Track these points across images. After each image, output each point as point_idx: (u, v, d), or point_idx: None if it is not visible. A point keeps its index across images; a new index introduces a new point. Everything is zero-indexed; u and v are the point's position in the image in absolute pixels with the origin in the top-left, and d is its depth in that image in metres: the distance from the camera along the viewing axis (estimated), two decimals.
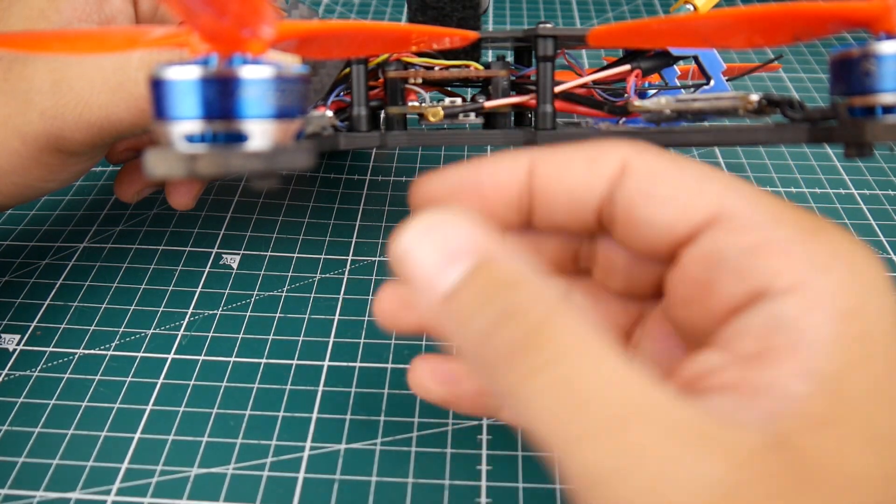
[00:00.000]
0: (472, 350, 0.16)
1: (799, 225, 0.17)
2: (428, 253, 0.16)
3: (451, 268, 0.16)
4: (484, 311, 0.16)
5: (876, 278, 0.16)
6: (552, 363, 0.15)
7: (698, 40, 0.23)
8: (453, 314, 0.16)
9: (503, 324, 0.15)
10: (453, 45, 0.26)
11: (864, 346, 0.15)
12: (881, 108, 0.20)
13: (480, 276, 0.16)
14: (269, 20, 0.16)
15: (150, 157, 0.16)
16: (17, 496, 0.25)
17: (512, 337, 0.15)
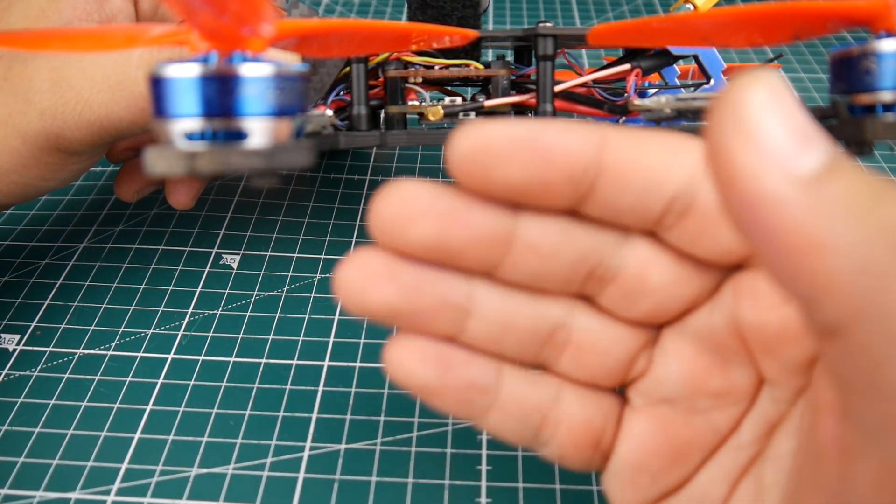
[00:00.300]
0: (870, 252, 0.13)
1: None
2: (780, 123, 0.13)
3: (808, 150, 0.13)
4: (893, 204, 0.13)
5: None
6: None
7: (698, 39, 0.23)
8: (835, 200, 0.13)
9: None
10: (453, 45, 0.26)
11: None
12: (881, 107, 0.20)
13: (851, 168, 0.13)
14: (269, 18, 0.16)
15: (150, 155, 0.16)
16: (17, 496, 0.25)
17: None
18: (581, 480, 0.25)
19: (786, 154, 0.13)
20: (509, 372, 0.19)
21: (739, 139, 0.13)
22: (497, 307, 0.18)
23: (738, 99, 0.13)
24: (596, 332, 0.19)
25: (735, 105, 0.13)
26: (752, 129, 0.13)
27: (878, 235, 0.13)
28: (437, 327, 0.18)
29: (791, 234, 0.13)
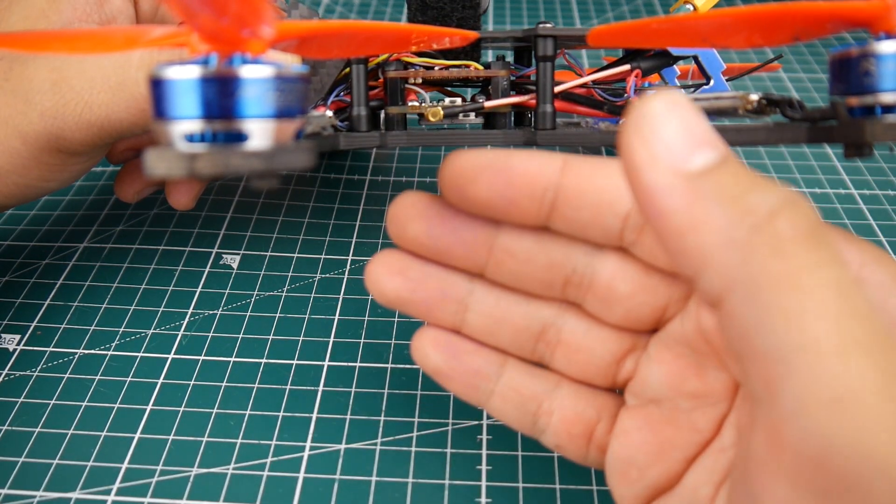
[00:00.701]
0: (738, 229, 0.15)
1: (840, 233, 0.18)
2: (674, 128, 0.16)
3: (699, 151, 0.16)
4: (766, 193, 0.15)
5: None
6: (832, 265, 0.15)
7: (698, 40, 0.23)
8: (712, 190, 0.15)
9: (790, 209, 0.15)
10: (453, 45, 0.26)
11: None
12: (881, 108, 0.20)
13: (738, 166, 0.16)
14: (269, 20, 0.16)
15: (150, 156, 0.16)
16: (17, 496, 0.25)
17: (800, 225, 0.15)
18: (581, 480, 0.25)
19: (675, 152, 0.16)
20: (512, 364, 0.22)
21: (639, 139, 0.16)
22: (492, 303, 0.22)
23: (641, 109, 0.16)
24: (582, 334, 0.21)
25: (638, 113, 0.16)
26: (648, 132, 0.16)
27: (742, 218, 0.15)
28: (439, 317, 0.22)
29: (677, 216, 0.16)
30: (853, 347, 0.14)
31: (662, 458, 0.20)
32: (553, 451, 0.22)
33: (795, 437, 0.14)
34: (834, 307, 0.14)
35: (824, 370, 0.14)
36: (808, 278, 0.14)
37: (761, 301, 0.15)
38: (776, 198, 0.15)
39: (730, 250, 0.15)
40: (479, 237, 0.21)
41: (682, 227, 0.15)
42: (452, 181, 0.20)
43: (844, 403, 0.14)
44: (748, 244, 0.15)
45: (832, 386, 0.14)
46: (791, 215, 0.15)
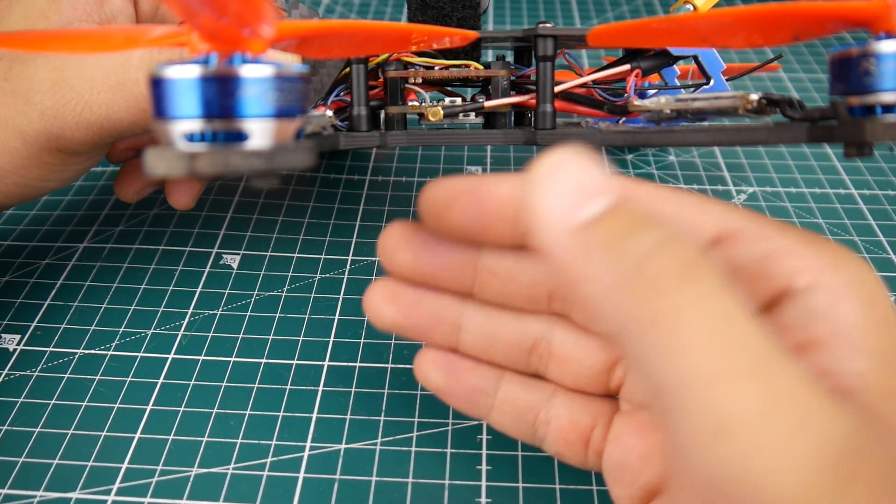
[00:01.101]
0: (619, 276, 0.16)
1: (800, 235, 0.18)
2: (559, 188, 0.16)
3: (587, 203, 0.16)
4: (643, 235, 0.16)
5: (875, 278, 0.18)
6: (711, 297, 0.15)
7: (698, 40, 0.23)
8: (593, 243, 0.16)
9: (666, 247, 0.16)
10: (453, 45, 0.26)
11: (890, 328, 0.17)
12: (881, 108, 0.20)
13: (625, 211, 0.16)
14: (269, 19, 0.16)
15: (150, 156, 0.16)
16: (17, 496, 0.25)
17: (676, 261, 0.15)
18: (581, 480, 0.25)
19: (562, 209, 0.16)
20: (508, 378, 0.23)
21: (531, 201, 0.17)
22: (483, 322, 0.22)
23: (532, 174, 0.17)
24: (571, 345, 0.22)
25: (530, 178, 0.17)
26: (537, 194, 0.17)
27: (621, 263, 0.16)
28: (436, 339, 0.23)
29: (569, 270, 0.16)
30: (734, 375, 0.14)
31: (653, 463, 0.20)
32: (555, 457, 0.23)
33: (696, 466, 0.15)
34: (714, 338, 0.15)
35: (707, 401, 0.14)
36: (687, 314, 0.15)
37: (647, 341, 0.15)
38: (653, 238, 0.16)
39: (613, 296, 0.16)
40: (463, 260, 0.22)
41: (575, 279, 0.16)
42: (429, 211, 0.21)
43: (727, 430, 0.14)
44: (628, 288, 0.15)
45: (715, 415, 0.14)
46: (668, 254, 0.16)
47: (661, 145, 0.42)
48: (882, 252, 0.36)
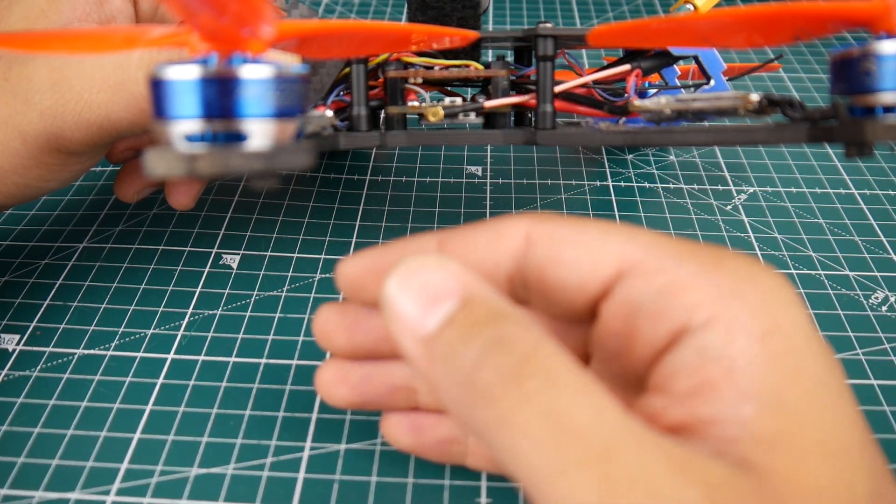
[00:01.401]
0: (456, 387, 0.16)
1: (700, 259, 0.18)
2: (409, 297, 0.17)
3: (434, 310, 0.17)
4: (471, 343, 0.16)
5: (783, 294, 0.17)
6: (543, 391, 0.15)
7: (698, 40, 0.23)
8: (437, 354, 0.17)
9: (492, 354, 0.16)
10: (453, 45, 0.26)
11: (790, 361, 0.16)
12: (881, 108, 0.20)
13: (465, 313, 0.17)
14: (269, 20, 0.16)
15: (150, 156, 0.16)
16: (17, 496, 0.25)
17: (502, 366, 0.16)
18: None
19: (413, 321, 0.17)
20: None
21: (387, 317, 0.18)
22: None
23: (384, 288, 0.18)
24: None
25: (383, 293, 0.17)
26: (390, 312, 0.17)
27: (455, 376, 0.16)
28: (395, 405, 0.23)
29: (427, 378, 0.17)
30: (569, 468, 0.14)
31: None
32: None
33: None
34: (547, 436, 0.15)
35: (552, 497, 0.15)
36: (517, 417, 0.15)
37: (492, 445, 0.16)
38: (481, 345, 0.16)
39: (456, 407, 0.16)
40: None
41: (435, 388, 0.17)
42: (346, 291, 0.21)
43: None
44: (464, 400, 0.16)
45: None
46: (494, 360, 0.16)
47: (661, 145, 0.42)
48: (882, 252, 0.36)
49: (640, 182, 0.40)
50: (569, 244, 0.19)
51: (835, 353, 0.18)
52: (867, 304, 0.33)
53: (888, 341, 0.31)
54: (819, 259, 0.35)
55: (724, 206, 0.38)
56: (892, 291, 0.33)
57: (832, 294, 0.33)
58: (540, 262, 0.19)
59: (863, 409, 0.28)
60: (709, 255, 0.18)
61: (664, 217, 0.37)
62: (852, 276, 0.34)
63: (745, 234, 0.36)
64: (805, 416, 0.16)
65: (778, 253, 0.35)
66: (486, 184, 0.39)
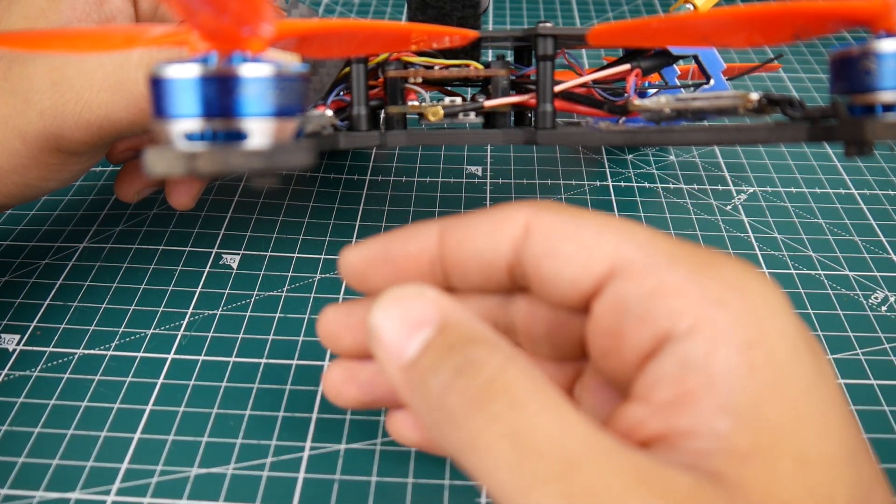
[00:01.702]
0: (429, 412, 0.17)
1: (691, 262, 0.17)
2: (391, 327, 0.18)
3: (413, 337, 0.17)
4: (441, 369, 0.17)
5: (772, 302, 0.17)
6: (507, 412, 0.16)
7: (698, 39, 0.23)
8: (414, 380, 0.17)
9: (459, 378, 0.16)
10: (453, 45, 0.26)
11: (772, 372, 0.16)
12: (881, 107, 0.20)
13: (440, 339, 0.17)
14: (269, 19, 0.16)
15: (150, 155, 0.16)
16: (17, 496, 0.25)
17: (468, 389, 0.16)
18: None
19: (395, 347, 0.18)
20: None
21: (373, 346, 0.18)
22: None
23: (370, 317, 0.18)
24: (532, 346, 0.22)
25: (369, 323, 0.18)
26: (376, 337, 0.18)
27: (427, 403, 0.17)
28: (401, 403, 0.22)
29: (409, 405, 0.18)
30: (534, 485, 0.15)
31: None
32: None
33: None
34: (510, 455, 0.15)
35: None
36: (483, 439, 0.15)
37: (464, 466, 0.16)
38: (449, 370, 0.16)
39: (431, 430, 0.17)
40: None
41: (417, 415, 0.18)
42: (350, 280, 0.21)
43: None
44: (437, 423, 0.17)
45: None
46: (460, 384, 0.16)
47: (661, 145, 0.42)
48: (882, 252, 0.35)
49: (640, 182, 0.40)
50: (565, 238, 0.19)
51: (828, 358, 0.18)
52: (867, 304, 0.33)
53: (888, 341, 0.31)
54: (819, 259, 0.35)
55: (724, 206, 0.38)
56: (891, 291, 0.33)
57: (832, 294, 0.33)
58: (536, 254, 0.19)
59: (863, 409, 0.28)
60: (701, 258, 0.17)
61: (664, 217, 0.37)
62: (852, 276, 0.34)
63: (745, 234, 0.36)
64: (784, 429, 0.16)
65: (778, 253, 0.35)
66: (486, 184, 0.39)
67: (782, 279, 0.34)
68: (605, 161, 0.41)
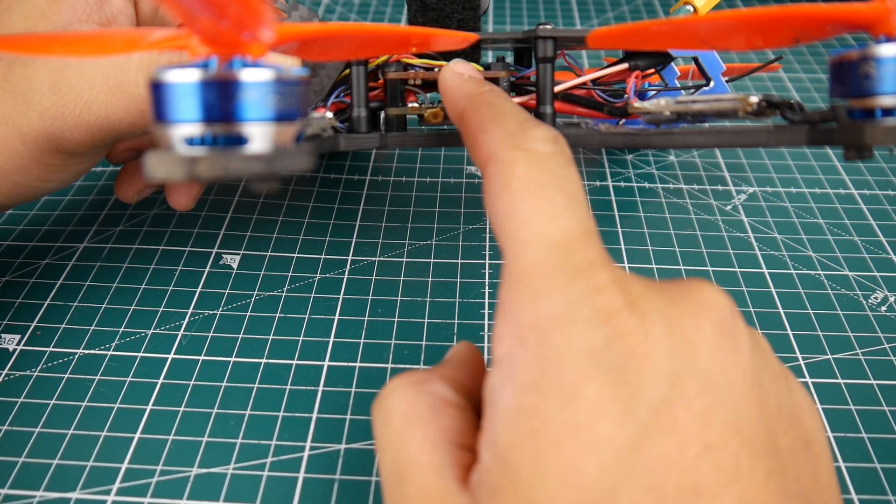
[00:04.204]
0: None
1: (533, 287, 0.17)
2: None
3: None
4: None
5: (565, 353, 0.16)
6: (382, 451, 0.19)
7: (698, 42, 0.23)
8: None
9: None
10: (453, 47, 0.26)
11: (533, 420, 0.16)
12: (881, 111, 0.20)
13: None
14: (269, 23, 0.16)
15: (150, 159, 0.16)
16: (17, 496, 0.25)
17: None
18: None
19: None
20: None
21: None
22: None
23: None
24: None
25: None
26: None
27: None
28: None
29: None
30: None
31: None
32: None
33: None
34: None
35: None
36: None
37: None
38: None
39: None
40: None
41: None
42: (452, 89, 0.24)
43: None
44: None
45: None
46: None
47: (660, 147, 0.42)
48: (882, 252, 0.36)
49: (640, 182, 0.40)
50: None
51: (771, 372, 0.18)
52: (867, 304, 0.33)
53: (888, 341, 0.31)
54: (819, 259, 0.35)
55: (723, 206, 0.38)
56: (891, 291, 0.33)
57: (832, 294, 0.33)
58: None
59: (863, 409, 0.28)
60: (542, 279, 0.17)
61: (664, 217, 0.37)
62: (852, 276, 0.34)
63: (745, 234, 0.36)
64: (524, 474, 0.16)
65: (778, 253, 0.35)
66: None
67: (782, 279, 0.34)
68: (604, 161, 0.41)
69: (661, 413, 0.16)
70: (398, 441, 0.18)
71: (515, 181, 0.18)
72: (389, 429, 0.19)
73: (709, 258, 0.35)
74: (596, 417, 0.16)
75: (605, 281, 0.17)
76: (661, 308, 0.17)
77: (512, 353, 0.17)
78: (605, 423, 0.16)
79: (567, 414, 0.16)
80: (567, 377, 0.16)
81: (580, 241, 0.18)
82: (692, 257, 0.35)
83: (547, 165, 0.19)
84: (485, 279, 0.33)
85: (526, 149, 0.19)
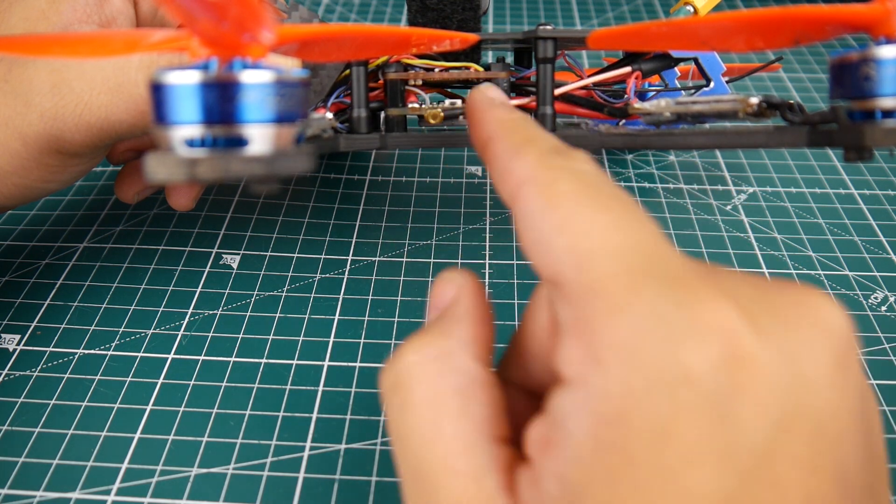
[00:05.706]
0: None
1: (609, 300, 0.15)
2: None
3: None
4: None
5: (656, 379, 0.14)
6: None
7: (698, 44, 0.23)
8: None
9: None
10: (453, 47, 0.26)
11: (614, 457, 0.14)
12: (881, 113, 0.20)
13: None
14: (269, 24, 0.16)
15: (151, 161, 0.16)
16: (17, 496, 0.25)
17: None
18: None
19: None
20: None
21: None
22: None
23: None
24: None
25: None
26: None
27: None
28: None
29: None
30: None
31: None
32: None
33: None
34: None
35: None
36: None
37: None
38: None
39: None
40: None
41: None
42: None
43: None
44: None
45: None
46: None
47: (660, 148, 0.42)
48: (882, 252, 0.36)
49: (640, 182, 0.40)
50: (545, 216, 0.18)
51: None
52: (867, 304, 0.33)
53: (888, 341, 0.31)
54: (819, 259, 0.35)
55: (723, 206, 0.38)
56: (891, 291, 0.33)
57: (832, 294, 0.33)
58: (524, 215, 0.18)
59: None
60: (620, 293, 0.15)
61: (664, 217, 0.37)
62: (852, 276, 0.34)
63: (745, 234, 0.36)
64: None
65: (778, 253, 0.35)
66: (485, 184, 0.39)
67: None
68: (605, 161, 0.41)
69: (764, 461, 0.14)
70: (421, 438, 0.16)
71: (563, 197, 0.16)
72: (408, 419, 0.16)
73: (709, 258, 0.35)
74: (691, 463, 0.14)
75: (705, 288, 0.15)
76: (778, 330, 0.15)
77: (587, 376, 0.15)
78: (701, 470, 0.14)
79: (656, 455, 0.14)
80: (659, 410, 0.14)
81: (657, 247, 0.16)
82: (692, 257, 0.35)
83: (592, 180, 0.17)
84: (485, 279, 0.33)
85: (567, 168, 0.17)
